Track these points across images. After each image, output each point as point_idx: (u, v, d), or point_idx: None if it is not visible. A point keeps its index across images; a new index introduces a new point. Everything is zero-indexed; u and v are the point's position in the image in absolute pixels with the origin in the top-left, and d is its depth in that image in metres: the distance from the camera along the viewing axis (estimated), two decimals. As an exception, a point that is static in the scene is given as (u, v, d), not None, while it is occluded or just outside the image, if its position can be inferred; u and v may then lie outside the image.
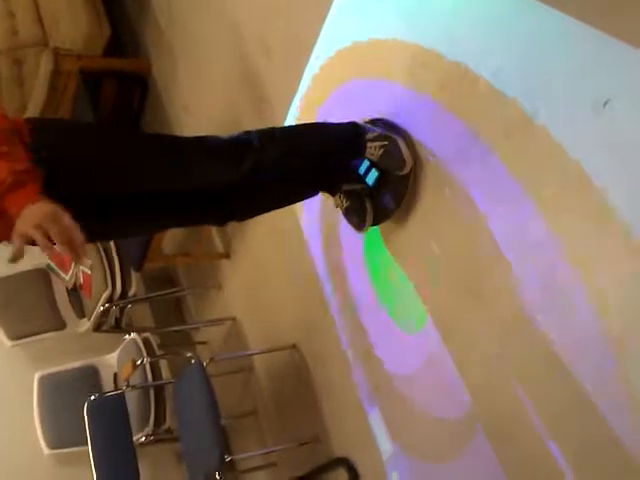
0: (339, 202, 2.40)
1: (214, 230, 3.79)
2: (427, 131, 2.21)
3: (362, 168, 2.29)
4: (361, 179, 2.30)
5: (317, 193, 2.40)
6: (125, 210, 2.00)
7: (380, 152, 2.18)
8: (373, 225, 2.37)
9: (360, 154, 2.22)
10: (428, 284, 2.27)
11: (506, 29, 1.93)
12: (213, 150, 2.00)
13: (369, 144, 2.19)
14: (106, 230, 2.07)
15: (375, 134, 2.19)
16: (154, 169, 1.93)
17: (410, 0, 2.26)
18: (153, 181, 1.95)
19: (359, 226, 2.41)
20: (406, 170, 2.19)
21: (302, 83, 2.82)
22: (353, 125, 2.24)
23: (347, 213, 2.43)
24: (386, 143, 2.17)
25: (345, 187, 2.34)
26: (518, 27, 1.90)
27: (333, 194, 2.40)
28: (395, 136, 2.19)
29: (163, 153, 1.94)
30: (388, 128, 2.26)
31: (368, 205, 2.34)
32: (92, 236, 2.11)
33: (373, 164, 2.25)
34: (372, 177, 2.27)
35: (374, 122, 2.31)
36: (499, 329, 1.98)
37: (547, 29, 1.81)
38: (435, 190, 2.18)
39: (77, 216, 1.85)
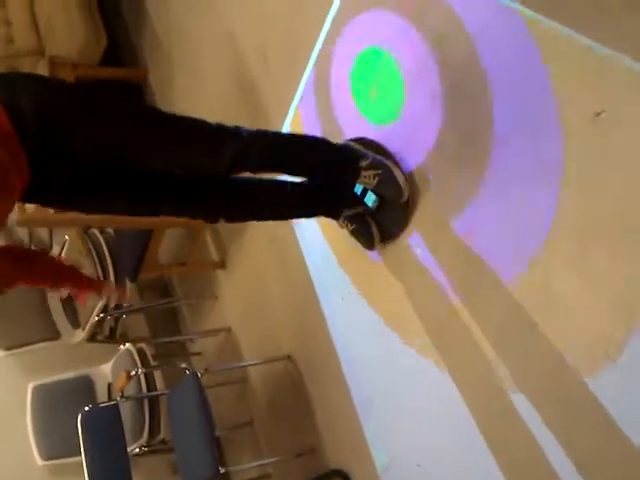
0: (343, 225, 2.40)
1: (210, 240, 3.78)
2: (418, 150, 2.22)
3: (358, 189, 2.30)
4: (360, 200, 2.30)
5: (313, 215, 2.40)
6: (112, 185, 1.97)
7: (375, 181, 2.18)
8: (381, 242, 2.38)
9: (352, 178, 2.21)
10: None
11: (505, 38, 1.94)
12: (195, 128, 1.97)
13: (363, 172, 2.18)
14: (92, 202, 2.03)
15: (368, 161, 2.18)
16: (130, 134, 1.87)
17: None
18: (132, 147, 1.89)
19: (369, 247, 2.43)
20: (405, 198, 2.21)
21: (299, 92, 2.82)
22: (345, 147, 2.24)
23: (354, 235, 2.44)
24: (380, 172, 2.17)
25: (346, 212, 2.35)
26: (513, 37, 1.90)
27: (335, 218, 2.40)
28: (387, 162, 2.19)
29: (139, 119, 1.90)
30: (377, 152, 2.26)
31: (373, 227, 2.36)
32: (81, 207, 2.09)
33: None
34: (370, 199, 2.28)
35: (361, 143, 2.31)
36: (489, 332, 1.99)
37: (542, 39, 1.81)
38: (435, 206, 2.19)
39: (63, 183, 1.84)
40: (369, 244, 2.41)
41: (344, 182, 2.28)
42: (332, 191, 2.32)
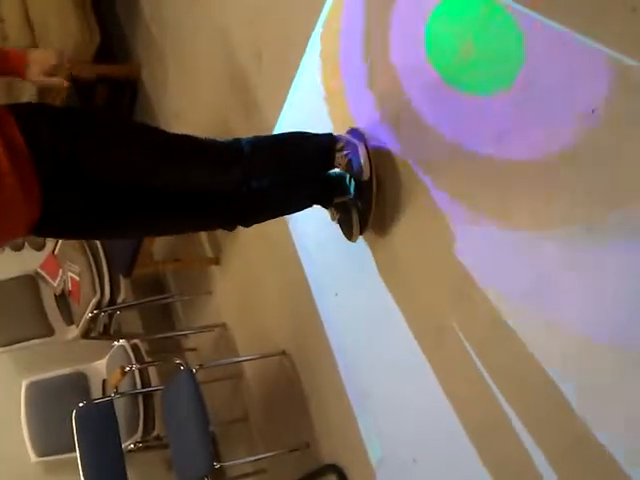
0: (333, 214, 2.43)
1: (204, 236, 3.78)
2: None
3: (347, 178, 2.32)
4: (347, 190, 2.32)
5: (311, 205, 2.41)
6: (126, 210, 2.01)
7: (345, 161, 2.24)
8: (361, 233, 2.39)
9: (330, 165, 2.26)
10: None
11: (495, 36, 1.94)
12: (201, 151, 2.02)
13: (337, 154, 2.24)
14: (107, 230, 2.08)
15: (341, 144, 2.25)
16: (141, 158, 1.93)
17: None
18: (141, 172, 1.94)
19: (348, 238, 2.44)
20: (366, 176, 2.25)
21: (293, 88, 2.82)
22: (331, 136, 2.29)
23: (340, 225, 2.46)
24: (349, 152, 2.23)
25: (336, 200, 2.37)
26: (505, 34, 1.91)
27: (326, 207, 2.42)
28: (356, 142, 2.25)
29: (152, 145, 1.95)
30: (353, 135, 2.31)
31: (354, 216, 2.37)
32: (93, 234, 2.11)
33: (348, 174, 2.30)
34: (352, 186, 2.30)
35: (350, 131, 2.36)
36: (481, 331, 1.99)
37: (535, 37, 1.81)
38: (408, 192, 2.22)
39: (76, 210, 1.86)
40: (348, 234, 2.44)
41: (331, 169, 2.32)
42: (325, 178, 2.35)
